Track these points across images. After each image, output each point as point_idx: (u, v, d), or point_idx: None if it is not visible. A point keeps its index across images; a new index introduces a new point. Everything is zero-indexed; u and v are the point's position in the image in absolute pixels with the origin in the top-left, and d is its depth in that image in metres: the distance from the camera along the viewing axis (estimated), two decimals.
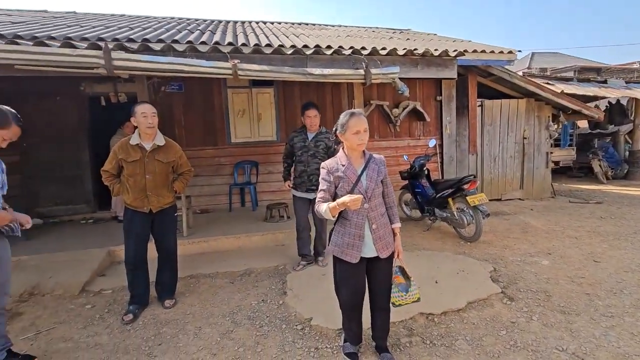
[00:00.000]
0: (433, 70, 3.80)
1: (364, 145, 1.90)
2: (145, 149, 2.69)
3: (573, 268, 3.49)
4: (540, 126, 7.29)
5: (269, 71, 2.98)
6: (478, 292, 2.90)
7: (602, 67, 18.12)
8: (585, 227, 5.00)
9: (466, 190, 4.23)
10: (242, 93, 6.01)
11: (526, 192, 7.32)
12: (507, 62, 6.08)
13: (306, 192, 3.46)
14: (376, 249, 1.91)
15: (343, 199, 1.76)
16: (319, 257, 3.65)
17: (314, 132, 3.45)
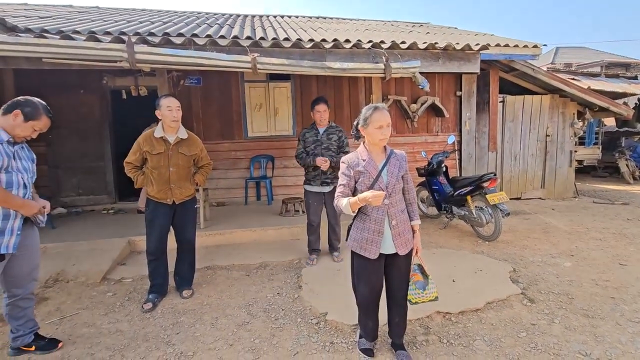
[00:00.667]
0: (455, 64, 3.70)
1: (386, 140, 1.88)
2: (169, 141, 2.73)
3: (597, 271, 3.37)
4: (565, 123, 7.04)
5: (288, 65, 2.97)
6: (497, 292, 2.83)
7: (631, 63, 17.30)
8: (610, 229, 4.82)
9: (486, 189, 4.13)
10: (259, 87, 6.03)
11: (548, 191, 7.11)
12: (532, 57, 5.88)
13: (320, 185, 3.45)
14: (395, 245, 1.88)
15: (365, 195, 1.74)
16: (334, 252, 3.64)
17: (324, 126, 3.44)
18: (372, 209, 1.86)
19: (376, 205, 1.77)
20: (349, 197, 1.88)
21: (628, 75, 9.75)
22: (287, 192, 5.96)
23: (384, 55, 3.18)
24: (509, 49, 5.60)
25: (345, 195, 1.94)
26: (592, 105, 6.96)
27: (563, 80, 6.60)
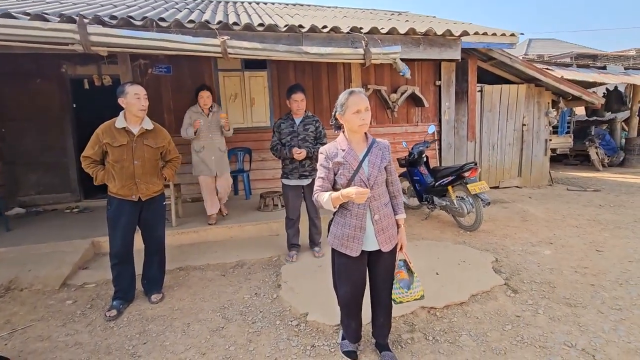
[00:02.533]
0: (436, 50, 3.58)
1: (366, 127, 1.73)
2: (133, 132, 2.49)
3: (576, 258, 3.39)
4: (540, 113, 7.15)
5: (262, 49, 2.75)
6: (481, 284, 2.78)
7: (598, 54, 17.93)
8: (584, 216, 4.92)
9: (467, 178, 4.09)
10: (234, 76, 5.76)
11: (524, 179, 7.24)
12: (509, 46, 5.88)
13: (299, 178, 3.28)
14: (378, 241, 1.75)
15: (348, 191, 1.61)
16: (315, 247, 3.50)
17: (301, 116, 3.26)
18: (352, 203, 1.72)
19: (360, 202, 1.64)
20: (330, 192, 1.73)
21: (598, 65, 10.02)
22: (266, 186, 5.76)
23: (363, 40, 3.02)
24: (488, 37, 5.57)
25: (325, 189, 1.79)
26: (565, 94, 7.10)
27: (539, 69, 6.67)
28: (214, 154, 4.00)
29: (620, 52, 18.37)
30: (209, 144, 3.96)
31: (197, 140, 3.93)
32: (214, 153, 4.00)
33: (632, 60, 16.92)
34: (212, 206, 4.07)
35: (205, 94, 3.89)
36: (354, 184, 1.72)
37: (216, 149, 4.02)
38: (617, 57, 17.57)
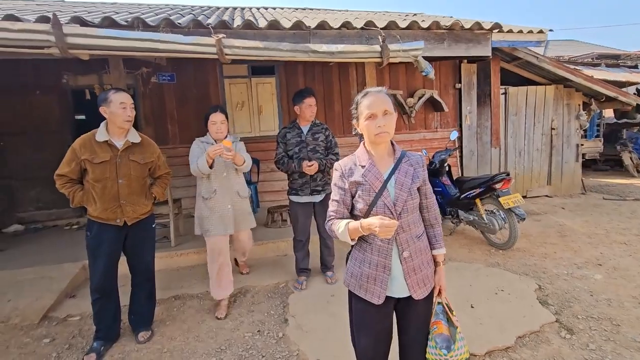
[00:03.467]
0: (462, 47, 3.17)
1: (387, 136, 1.32)
2: (117, 147, 2.15)
3: (634, 285, 2.88)
4: (570, 116, 6.60)
5: (263, 48, 2.40)
6: (527, 321, 2.32)
7: (621, 54, 17.09)
8: (631, 230, 4.35)
9: (498, 190, 3.62)
10: (240, 83, 5.47)
11: (554, 188, 6.66)
12: (537, 44, 5.40)
13: (310, 195, 2.89)
14: (408, 285, 1.34)
15: (369, 222, 1.22)
16: (328, 271, 3.10)
17: (308, 124, 2.89)
18: (375, 236, 1.32)
19: (385, 237, 1.24)
20: (347, 221, 1.34)
21: (629, 65, 9.38)
22: (275, 199, 5.40)
23: (380, 36, 2.64)
24: (513, 34, 5.11)
25: (341, 216, 1.41)
26: (598, 95, 6.53)
27: (569, 69, 6.15)
28: (232, 200, 2.67)
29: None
30: (223, 187, 2.64)
31: (208, 181, 2.62)
32: (231, 199, 2.67)
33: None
34: (220, 285, 2.65)
35: (219, 117, 2.59)
36: (375, 211, 1.32)
37: (234, 193, 2.70)
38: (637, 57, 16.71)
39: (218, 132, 2.59)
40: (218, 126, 2.58)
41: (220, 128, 2.60)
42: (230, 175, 2.68)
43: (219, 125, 2.58)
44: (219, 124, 2.59)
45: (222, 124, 2.60)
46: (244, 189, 2.80)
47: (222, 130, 2.62)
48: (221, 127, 2.61)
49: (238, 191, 2.72)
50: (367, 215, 1.34)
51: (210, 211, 2.61)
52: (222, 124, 2.60)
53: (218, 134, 2.60)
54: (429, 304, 1.41)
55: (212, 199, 2.61)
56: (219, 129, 2.59)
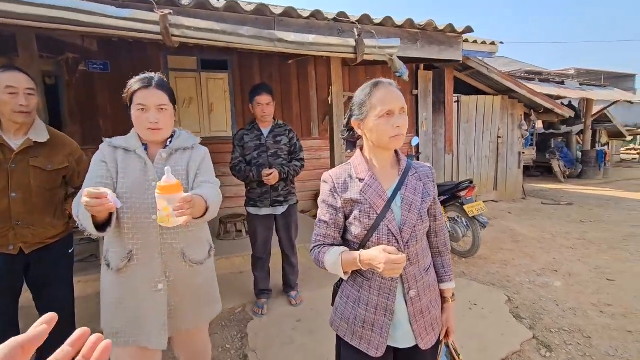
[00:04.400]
0: (435, 49, 3.06)
1: (401, 140, 1.04)
2: (10, 147, 1.59)
3: (591, 291, 2.96)
4: (514, 125, 7.01)
5: (220, 32, 1.99)
6: (506, 339, 2.21)
7: (543, 72, 19.17)
8: (573, 234, 4.64)
9: (463, 198, 3.58)
10: (188, 77, 4.91)
11: (500, 193, 7.02)
12: (488, 55, 5.63)
13: (271, 206, 2.53)
14: (414, 332, 1.07)
15: (372, 257, 0.94)
16: (291, 291, 2.76)
17: (269, 125, 2.53)
18: (374, 271, 1.03)
19: (391, 276, 0.97)
20: (340, 251, 1.05)
21: (557, 81, 10.35)
22: (228, 206, 4.91)
23: (355, 29, 2.38)
24: (468, 44, 5.25)
25: (331, 242, 1.11)
26: (538, 106, 7.02)
27: (515, 81, 6.52)
28: (169, 272, 1.31)
29: (562, 71, 19.75)
30: (150, 246, 1.28)
31: (117, 232, 1.27)
32: (166, 270, 1.31)
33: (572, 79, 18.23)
34: None
35: (153, 95, 1.26)
36: (376, 239, 1.04)
37: (176, 256, 1.32)
38: (558, 74, 18.86)
39: (154, 127, 1.26)
40: (153, 115, 1.26)
41: (160, 121, 1.28)
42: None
43: (154, 111, 1.26)
44: (154, 110, 1.26)
45: (163, 112, 1.29)
46: (201, 245, 1.40)
47: (162, 128, 1.30)
48: (160, 119, 1.29)
49: (184, 252, 1.31)
50: (365, 243, 1.06)
51: (121, 295, 1.28)
52: (161, 111, 1.28)
53: (154, 132, 1.27)
54: (434, 353, 1.16)
55: (126, 271, 1.26)
56: (155, 122, 1.27)
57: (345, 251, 1.05)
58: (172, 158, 1.34)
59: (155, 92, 1.26)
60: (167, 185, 1.01)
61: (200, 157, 1.39)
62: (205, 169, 1.39)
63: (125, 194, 1.24)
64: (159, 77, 1.31)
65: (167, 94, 1.30)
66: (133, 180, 1.26)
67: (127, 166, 1.28)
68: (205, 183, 1.33)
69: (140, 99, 1.24)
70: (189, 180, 1.34)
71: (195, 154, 1.39)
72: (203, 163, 1.39)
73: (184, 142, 1.38)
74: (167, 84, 1.34)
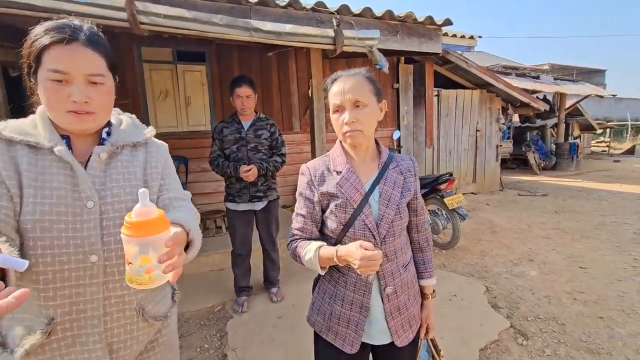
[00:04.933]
0: (415, 41, 3.04)
1: (360, 135, 1.00)
2: None
3: (565, 279, 3.06)
4: (492, 118, 7.15)
5: (192, 20, 1.89)
6: (485, 330, 2.24)
7: (519, 67, 19.73)
8: (548, 224, 4.79)
9: (443, 191, 3.62)
10: (163, 70, 4.74)
11: (479, 185, 7.17)
12: (467, 49, 5.69)
13: (250, 202, 2.47)
14: (390, 330, 1.05)
15: (349, 253, 0.91)
16: (272, 287, 2.71)
17: (250, 119, 2.46)
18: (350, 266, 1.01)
19: (367, 273, 0.94)
20: (317, 245, 1.01)
21: (532, 75, 10.62)
22: (208, 202, 4.80)
23: (334, 19, 2.33)
24: (448, 38, 5.28)
25: (309, 235, 1.08)
26: (515, 100, 7.19)
27: (493, 75, 6.64)
28: (124, 349, 0.83)
29: (537, 66, 20.35)
30: (86, 303, 0.78)
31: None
32: (121, 341, 0.83)
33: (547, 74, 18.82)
34: None
35: (80, 58, 0.75)
36: (352, 234, 1.01)
37: (130, 316, 0.84)
38: (534, 69, 19.43)
39: (78, 104, 0.77)
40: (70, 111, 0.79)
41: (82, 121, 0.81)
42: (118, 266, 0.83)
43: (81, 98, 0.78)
44: (82, 99, 0.78)
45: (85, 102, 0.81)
46: (163, 290, 0.97)
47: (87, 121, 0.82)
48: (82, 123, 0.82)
49: (142, 306, 0.87)
50: (341, 238, 1.04)
51: None
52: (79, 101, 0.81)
53: (77, 122, 0.79)
54: (414, 350, 1.14)
55: (42, 354, 0.76)
56: (73, 115, 0.80)
57: (323, 246, 1.01)
58: (116, 161, 0.84)
59: (84, 53, 0.75)
60: (144, 221, 0.61)
61: (161, 158, 0.92)
62: (172, 178, 0.95)
63: (39, 225, 0.72)
64: (89, 28, 0.80)
65: (103, 56, 0.79)
66: (52, 199, 0.75)
67: (40, 175, 0.75)
68: (177, 201, 0.91)
69: (54, 61, 0.73)
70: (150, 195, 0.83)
71: (152, 153, 0.91)
72: (166, 168, 0.93)
73: (130, 134, 0.88)
74: (103, 40, 0.81)
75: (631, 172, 9.66)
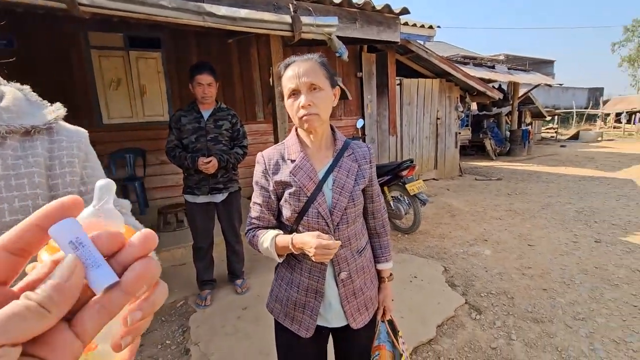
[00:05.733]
0: (374, 29, 3.06)
1: (317, 120, 0.98)
2: None
3: (515, 256, 3.29)
4: (451, 107, 7.43)
5: (137, 2, 1.77)
6: (443, 307, 2.37)
7: (477, 57, 20.62)
8: (501, 206, 5.10)
9: (404, 177, 3.73)
10: (115, 57, 4.44)
11: (440, 171, 7.47)
12: (427, 38, 5.82)
13: (210, 194, 2.41)
14: (346, 313, 1.08)
15: (304, 241, 0.93)
16: (237, 279, 2.69)
17: (210, 108, 2.38)
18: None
19: (321, 261, 0.96)
20: (274, 233, 1.03)
21: (488, 65, 11.11)
22: (169, 195, 4.63)
23: (291, 4, 2.28)
24: (408, 27, 5.37)
25: (266, 224, 1.09)
26: (472, 89, 7.49)
27: (452, 65, 6.86)
28: None
29: (493, 56, 21.32)
30: None
31: None
32: None
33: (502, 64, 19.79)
34: None
35: None
36: (307, 221, 1.02)
37: None
38: (490, 60, 20.36)
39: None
40: None
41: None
42: None
43: None
44: None
45: None
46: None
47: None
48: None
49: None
50: (296, 226, 1.04)
51: None
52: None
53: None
54: (371, 331, 1.18)
55: None
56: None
57: (280, 234, 1.02)
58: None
59: None
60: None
61: (77, 151, 0.61)
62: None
63: None
64: None
65: None
66: None
67: None
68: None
69: None
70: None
71: (62, 144, 0.59)
72: (88, 167, 0.62)
73: (20, 114, 0.55)
74: None
75: (575, 156, 10.46)
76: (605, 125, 19.90)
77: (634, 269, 2.92)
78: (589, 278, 2.79)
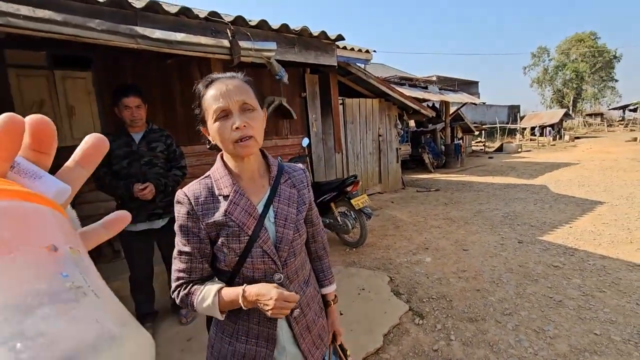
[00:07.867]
0: (312, 54, 3.21)
1: (254, 143, 0.87)
2: None
3: (452, 261, 3.55)
4: (391, 124, 7.92)
5: (62, 23, 1.65)
6: (389, 316, 2.47)
7: (412, 78, 22.44)
8: (440, 215, 5.49)
9: (349, 193, 3.88)
10: (36, 76, 4.10)
11: (384, 185, 7.85)
12: (365, 62, 6.20)
13: (148, 221, 2.29)
14: (303, 352, 0.98)
15: (259, 293, 0.82)
16: (181, 309, 2.55)
17: (141, 130, 2.28)
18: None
19: (278, 316, 0.84)
20: (217, 287, 0.88)
21: (422, 86, 12.10)
22: None
23: (228, 30, 2.32)
24: (347, 51, 5.70)
25: (199, 276, 0.92)
26: (408, 108, 8.08)
27: (388, 86, 7.36)
28: None
29: (427, 77, 23.33)
30: None
31: None
32: None
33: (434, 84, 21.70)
34: None
35: None
36: (251, 264, 0.90)
37: None
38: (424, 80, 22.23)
39: None
40: None
41: None
42: None
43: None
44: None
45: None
46: None
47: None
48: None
49: None
50: (239, 270, 0.91)
51: None
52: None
53: None
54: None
55: None
56: None
57: (224, 288, 0.88)
58: None
59: None
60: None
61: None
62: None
63: None
64: None
65: None
66: None
67: None
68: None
69: None
70: None
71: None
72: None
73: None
74: None
75: (500, 166, 11.65)
76: (523, 138, 22.54)
77: (549, 264, 3.31)
78: (514, 276, 3.11)
